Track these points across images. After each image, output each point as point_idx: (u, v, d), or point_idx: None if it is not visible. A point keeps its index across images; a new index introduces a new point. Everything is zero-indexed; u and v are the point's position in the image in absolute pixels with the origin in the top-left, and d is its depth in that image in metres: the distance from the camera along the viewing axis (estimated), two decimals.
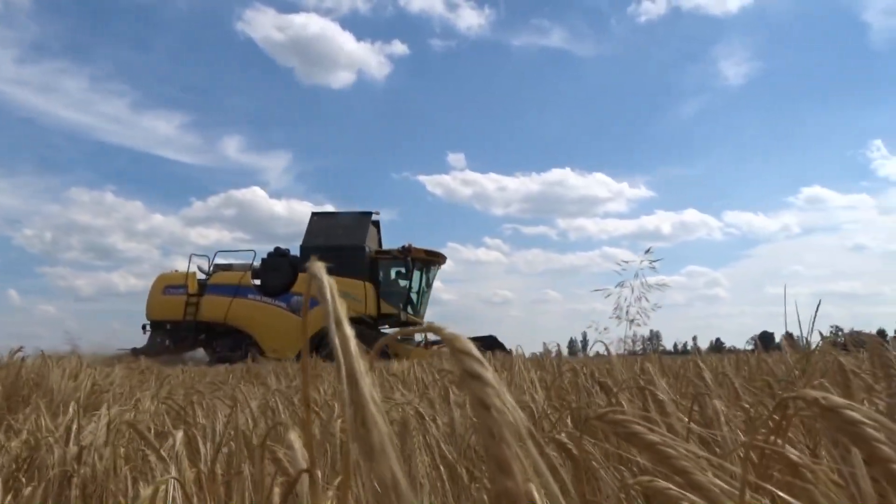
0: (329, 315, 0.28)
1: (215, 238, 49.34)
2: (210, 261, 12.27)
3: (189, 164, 57.68)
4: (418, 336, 11.30)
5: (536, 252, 69.60)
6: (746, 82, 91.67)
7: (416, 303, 12.11)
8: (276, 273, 11.44)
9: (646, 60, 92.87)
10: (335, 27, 75.07)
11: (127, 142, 52.58)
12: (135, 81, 54.88)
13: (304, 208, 37.76)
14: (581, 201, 75.05)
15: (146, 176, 52.07)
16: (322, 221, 12.21)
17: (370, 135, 75.99)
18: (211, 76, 66.10)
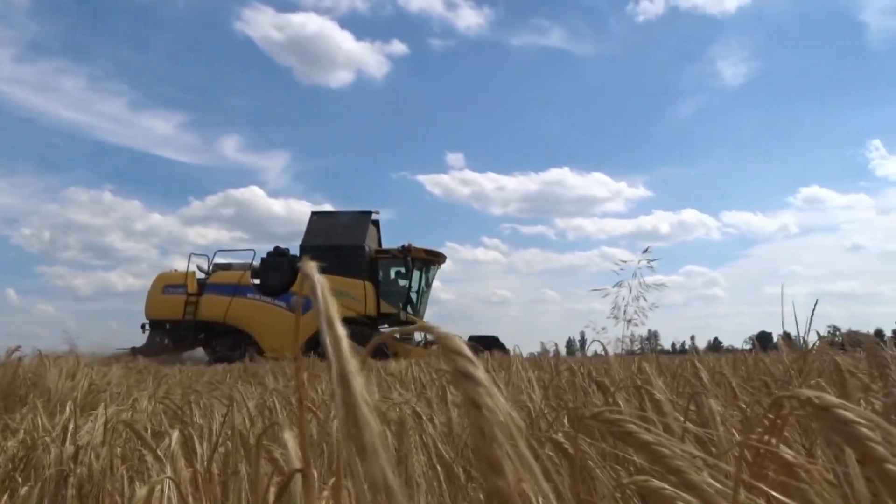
0: (321, 315, 0.28)
1: (213, 238, 49.33)
2: (209, 260, 12.27)
3: (187, 164, 57.63)
4: (418, 336, 11.30)
5: (535, 252, 69.55)
6: (744, 82, 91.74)
7: (416, 302, 12.10)
8: (276, 272, 11.44)
9: (644, 60, 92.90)
10: (334, 26, 75.02)
11: (125, 141, 52.53)
12: (133, 81, 54.77)
13: (303, 208, 37.76)
14: (579, 201, 75.03)
15: (144, 175, 52.01)
16: (322, 221, 12.20)
17: (369, 134, 75.95)
18: (209, 76, 66.05)
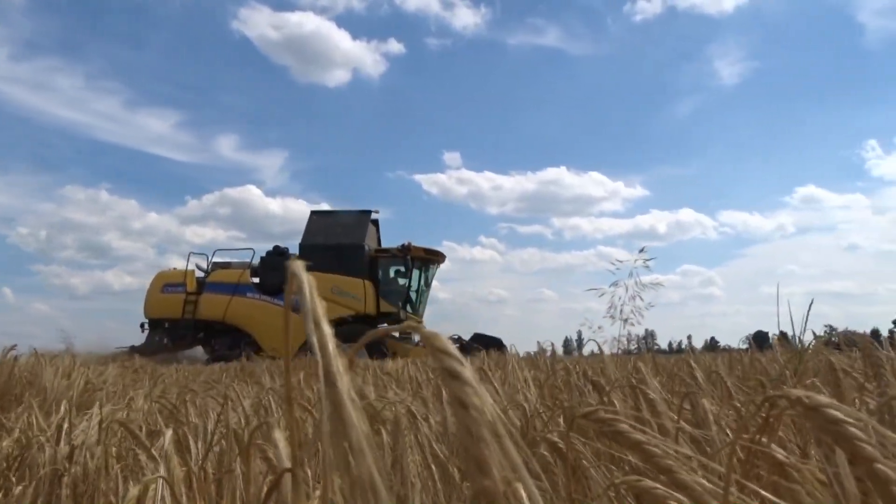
0: (307, 315, 0.28)
1: (210, 237, 49.34)
2: (208, 259, 12.27)
3: (184, 163, 57.53)
4: (417, 337, 11.31)
5: (532, 251, 69.49)
6: (741, 82, 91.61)
7: (416, 301, 12.11)
8: (276, 272, 11.42)
9: (641, 60, 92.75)
10: (331, 26, 74.73)
11: (121, 140, 52.52)
12: (129, 79, 54.73)
13: (300, 207, 37.75)
14: (576, 200, 74.85)
15: (141, 174, 51.97)
16: (321, 220, 12.20)
17: (366, 133, 75.85)
18: (206, 74, 65.94)
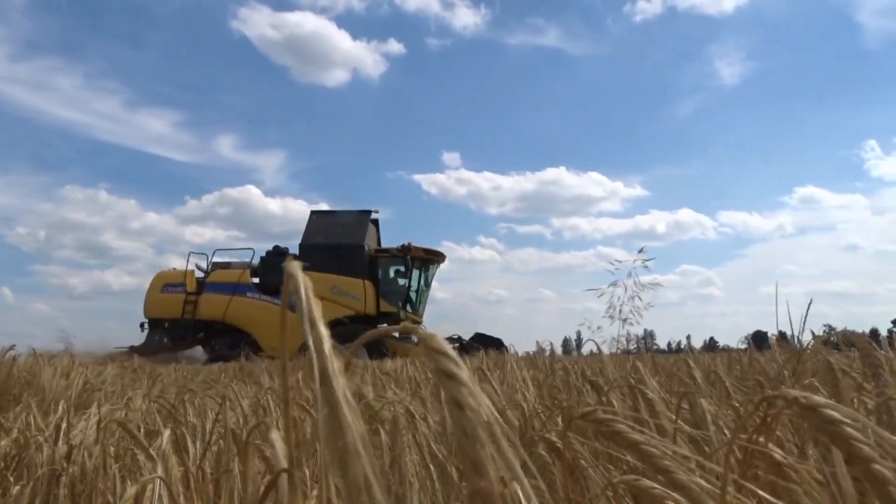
0: (303, 315, 0.28)
1: (210, 237, 49.34)
2: (208, 259, 12.27)
3: (183, 163, 57.46)
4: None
5: (531, 251, 69.42)
6: (741, 82, 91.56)
7: (416, 301, 12.10)
8: (275, 272, 11.42)
9: (641, 60, 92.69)
10: (330, 26, 74.71)
11: (121, 140, 52.43)
12: (128, 79, 54.65)
13: (299, 207, 37.70)
14: (575, 200, 74.78)
15: (140, 174, 51.95)
16: (321, 220, 12.20)
17: (365, 133, 75.75)
18: (205, 74, 65.88)
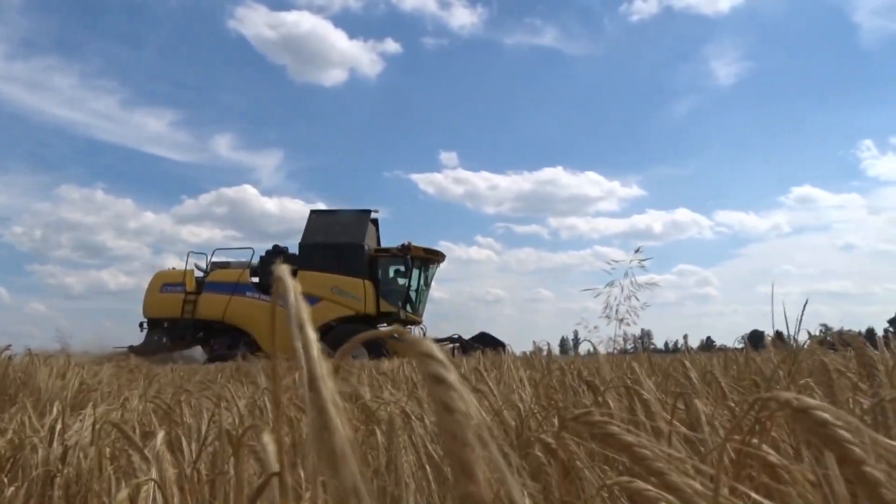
0: (291, 318, 0.28)
1: (207, 236, 49.30)
2: (207, 259, 12.26)
3: (180, 162, 57.24)
4: (417, 335, 11.25)
5: (528, 251, 69.22)
6: (737, 82, 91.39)
7: (416, 301, 12.09)
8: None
9: (638, 60, 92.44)
10: (327, 25, 74.40)
11: (117, 139, 52.36)
12: (125, 78, 54.48)
13: (296, 206, 37.66)
14: (572, 200, 74.52)
15: (137, 173, 51.81)
16: (321, 219, 12.19)
17: (362, 133, 75.55)
18: (202, 74, 65.71)
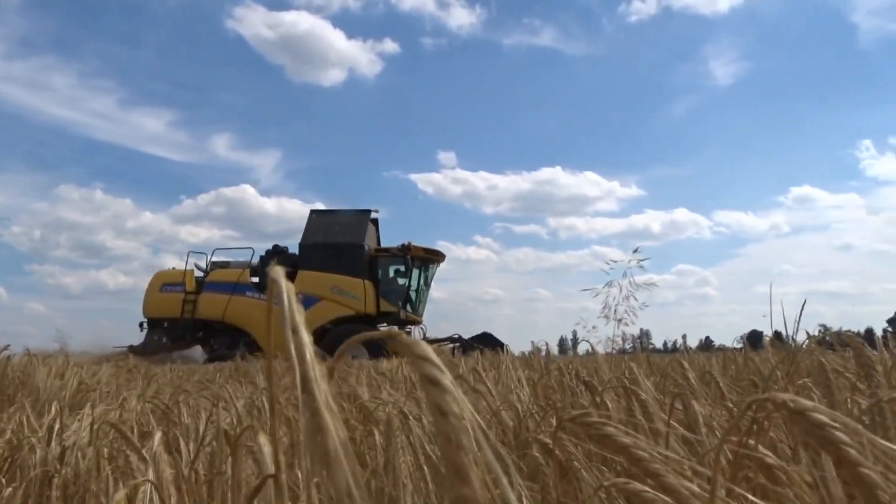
0: (285, 321, 0.28)
1: (205, 236, 49.27)
2: (207, 258, 12.26)
3: (178, 162, 56.98)
4: (417, 335, 11.32)
5: (527, 251, 69.03)
6: (736, 82, 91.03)
7: (415, 301, 12.09)
8: None
9: (636, 60, 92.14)
10: (326, 25, 74.07)
11: (116, 139, 52.18)
12: (123, 78, 54.21)
13: (295, 206, 37.61)
14: (571, 200, 74.24)
15: (135, 173, 51.63)
16: (321, 219, 12.19)
17: (361, 133, 75.31)
18: (201, 74, 65.46)
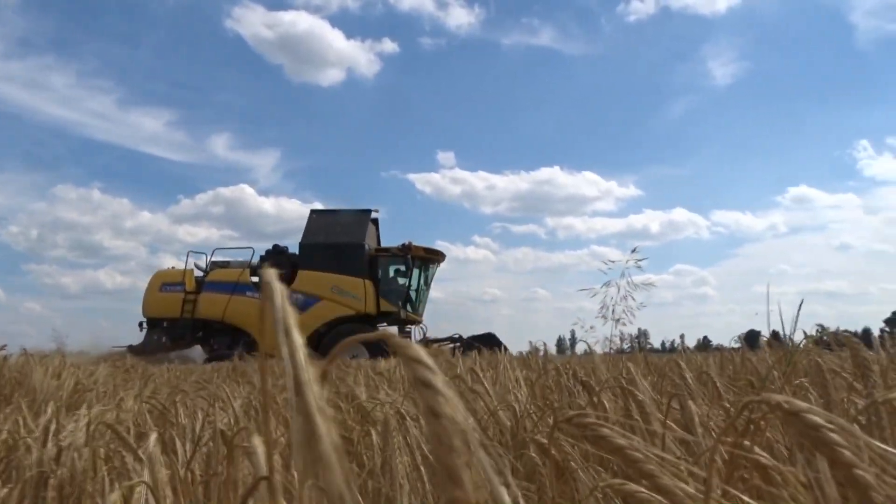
0: (278, 323, 0.28)
1: (203, 236, 49.32)
2: (207, 258, 12.25)
3: (177, 162, 57.10)
4: (417, 335, 11.33)
5: (525, 250, 69.13)
6: (734, 82, 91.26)
7: (415, 301, 12.09)
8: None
9: (635, 60, 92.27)
10: (324, 25, 74.09)
11: (114, 139, 52.30)
12: (122, 78, 54.33)
13: (293, 206, 37.64)
14: (570, 200, 74.30)
15: (133, 173, 51.83)
16: (321, 219, 12.18)
17: (359, 133, 75.37)
18: (199, 73, 65.57)
